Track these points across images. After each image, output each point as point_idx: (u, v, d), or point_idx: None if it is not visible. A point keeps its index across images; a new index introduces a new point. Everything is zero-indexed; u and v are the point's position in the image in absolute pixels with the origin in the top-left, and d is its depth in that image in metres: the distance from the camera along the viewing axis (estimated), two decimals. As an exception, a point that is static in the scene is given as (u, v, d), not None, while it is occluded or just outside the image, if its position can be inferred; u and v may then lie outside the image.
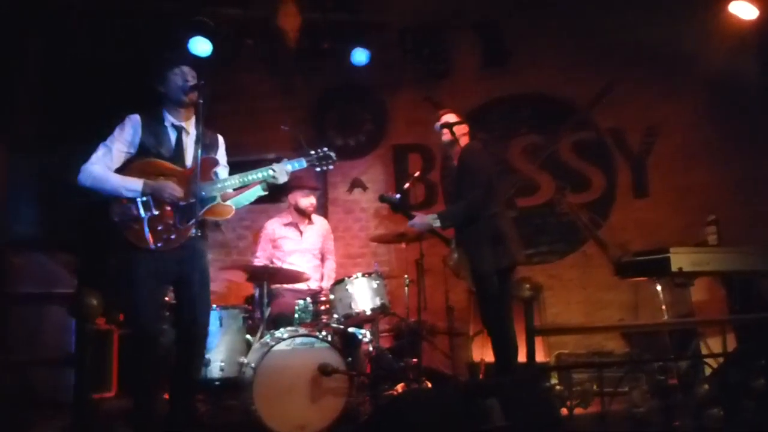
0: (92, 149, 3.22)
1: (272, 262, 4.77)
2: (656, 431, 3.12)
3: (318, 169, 3.50)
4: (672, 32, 5.51)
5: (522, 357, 3.56)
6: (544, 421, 2.78)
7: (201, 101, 3.10)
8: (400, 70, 6.15)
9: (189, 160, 3.26)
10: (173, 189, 3.14)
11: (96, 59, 5.42)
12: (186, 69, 3.27)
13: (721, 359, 3.79)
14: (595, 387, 3.33)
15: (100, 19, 5.43)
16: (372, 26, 5.96)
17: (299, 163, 3.40)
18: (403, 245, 4.54)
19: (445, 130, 4.01)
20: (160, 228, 3.11)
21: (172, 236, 3.12)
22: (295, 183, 4.91)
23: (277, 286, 4.61)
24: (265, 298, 4.16)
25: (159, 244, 3.10)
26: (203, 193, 3.17)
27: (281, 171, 3.31)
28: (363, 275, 4.18)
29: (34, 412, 3.87)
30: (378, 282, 4.19)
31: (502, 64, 6.03)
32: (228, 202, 3.32)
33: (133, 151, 3.19)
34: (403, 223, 5.78)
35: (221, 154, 3.47)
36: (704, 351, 4.28)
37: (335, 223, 5.80)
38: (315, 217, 5.07)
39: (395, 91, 6.26)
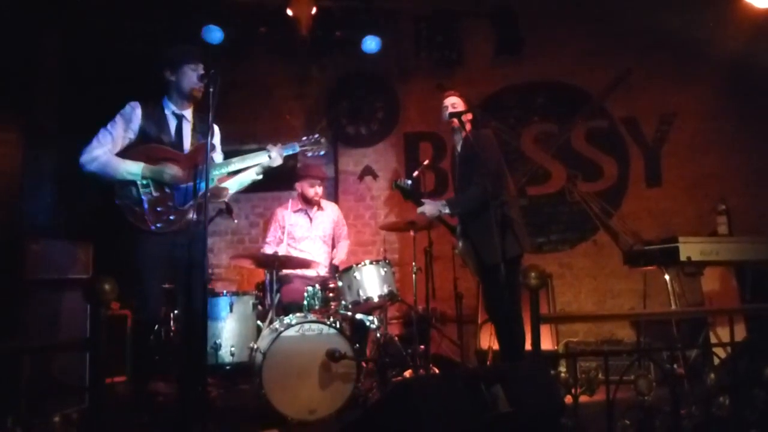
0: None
1: (281, 248, 4.83)
2: (663, 419, 3.12)
3: (309, 153, 3.66)
4: (688, 20, 5.45)
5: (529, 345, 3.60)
6: (548, 407, 2.81)
7: (211, 89, 3.13)
8: (414, 59, 6.13)
9: (188, 146, 3.37)
10: (173, 171, 3.25)
11: (113, 50, 5.48)
12: (201, 66, 3.35)
13: (729, 348, 3.77)
14: (600, 375, 3.33)
15: (117, 10, 5.48)
16: (386, 14, 5.95)
17: (293, 148, 3.56)
18: (412, 233, 4.56)
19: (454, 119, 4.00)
20: (159, 209, 3.24)
21: (172, 217, 3.25)
22: (302, 172, 4.98)
23: (288, 272, 4.67)
24: (275, 285, 4.21)
25: (159, 225, 3.23)
26: (204, 176, 3.22)
27: (276, 155, 3.45)
28: (371, 262, 4.21)
29: (53, 396, 3.97)
30: (386, 269, 4.22)
31: (516, 51, 5.99)
32: (224, 184, 3.45)
33: (133, 136, 3.30)
34: (412, 210, 5.83)
35: (217, 142, 3.58)
36: (714, 340, 4.28)
37: (346, 211, 5.83)
38: (325, 203, 5.12)
39: (408, 79, 6.26)
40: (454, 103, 4.14)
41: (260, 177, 3.54)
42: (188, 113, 3.42)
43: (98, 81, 5.39)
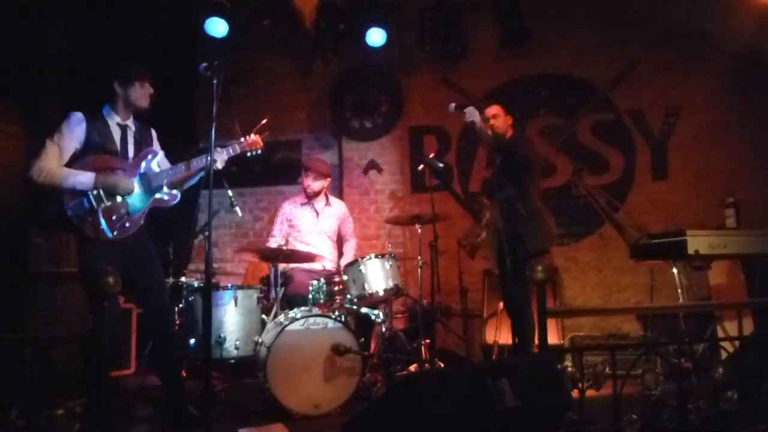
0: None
1: (288, 242, 4.81)
2: (670, 413, 3.10)
3: (248, 153, 3.73)
4: (694, 10, 5.41)
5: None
6: (555, 402, 2.79)
7: (215, 82, 3.13)
8: (418, 51, 6.09)
9: (132, 154, 3.46)
10: (126, 182, 3.34)
11: (117, 42, 5.47)
12: (148, 84, 3.46)
13: (737, 342, 3.75)
14: (606, 369, 3.32)
15: (122, 4, 5.47)
16: (390, 6, 5.91)
17: (233, 149, 3.64)
18: (418, 227, 4.54)
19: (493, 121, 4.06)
20: (114, 218, 3.30)
21: (126, 224, 3.33)
22: (306, 164, 4.99)
23: (293, 266, 4.66)
24: (279, 278, 4.20)
25: (115, 233, 3.29)
26: (153, 183, 3.41)
27: (220, 160, 3.53)
28: (376, 256, 4.19)
29: (57, 388, 3.96)
30: (391, 263, 4.19)
31: (521, 44, 5.93)
32: (174, 191, 3.54)
33: (79, 146, 3.31)
34: (417, 204, 5.82)
35: (156, 145, 3.64)
36: (721, 335, 4.25)
37: (351, 205, 5.80)
38: (333, 199, 5.11)
39: (412, 72, 6.21)
40: (495, 114, 4.13)
41: (203, 174, 3.62)
42: (130, 122, 3.51)
43: (102, 74, 5.37)
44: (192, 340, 4.25)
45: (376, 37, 5.68)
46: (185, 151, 3.75)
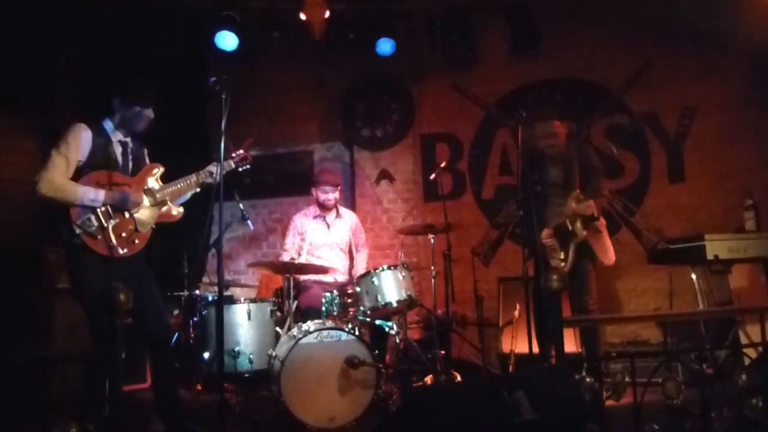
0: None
1: (300, 256, 4.80)
2: (693, 422, 3.03)
3: (240, 168, 3.79)
4: (709, 9, 5.31)
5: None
6: (573, 413, 2.74)
7: (224, 96, 3.11)
8: (428, 59, 6.07)
9: (131, 169, 3.42)
10: (134, 197, 3.29)
11: (130, 55, 5.51)
12: (151, 110, 3.42)
13: (760, 348, 3.66)
14: (626, 378, 3.25)
15: (134, 16, 5.52)
16: (399, 14, 5.90)
17: (227, 164, 3.68)
18: (431, 236, 4.50)
19: None
20: (123, 234, 3.26)
21: (136, 241, 3.30)
22: (316, 178, 4.98)
23: (306, 278, 4.64)
24: (292, 291, 4.18)
25: (125, 250, 3.24)
26: (158, 198, 3.39)
27: (216, 174, 3.53)
28: (389, 267, 4.15)
29: (76, 405, 3.97)
30: (404, 274, 4.15)
31: (532, 47, 5.87)
32: (179, 205, 3.56)
33: (83, 159, 3.26)
34: (430, 213, 5.78)
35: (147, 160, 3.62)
36: (744, 340, 4.16)
37: (363, 215, 5.79)
38: (344, 210, 5.08)
39: (423, 80, 6.19)
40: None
41: (199, 190, 3.62)
42: (129, 138, 3.45)
43: (116, 90, 5.41)
44: (206, 354, 4.24)
45: (385, 46, 5.68)
46: (198, 163, 3.75)
